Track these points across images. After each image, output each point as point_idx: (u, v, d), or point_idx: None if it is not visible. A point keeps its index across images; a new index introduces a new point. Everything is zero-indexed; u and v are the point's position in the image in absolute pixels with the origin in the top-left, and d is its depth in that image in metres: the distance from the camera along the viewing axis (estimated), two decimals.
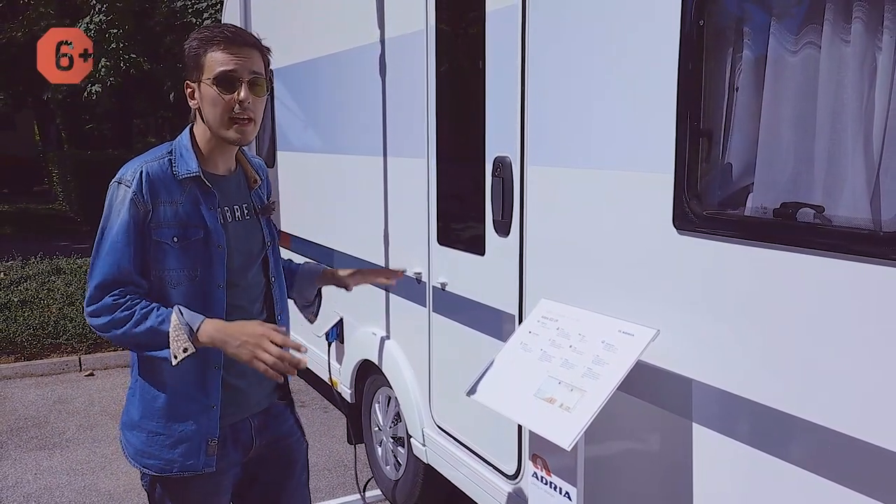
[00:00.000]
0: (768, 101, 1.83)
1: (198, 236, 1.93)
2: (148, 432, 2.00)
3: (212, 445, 2.00)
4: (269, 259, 2.13)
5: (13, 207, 17.55)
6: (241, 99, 1.89)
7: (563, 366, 2.18)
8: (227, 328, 1.87)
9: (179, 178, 1.94)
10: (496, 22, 2.69)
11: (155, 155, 1.97)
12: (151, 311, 1.88)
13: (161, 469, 2.00)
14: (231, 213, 2.03)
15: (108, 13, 12.43)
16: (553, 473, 2.22)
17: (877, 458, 1.58)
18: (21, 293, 7.05)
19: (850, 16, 1.65)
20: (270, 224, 2.16)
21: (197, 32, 1.96)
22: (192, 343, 1.86)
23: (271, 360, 1.81)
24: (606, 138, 2.22)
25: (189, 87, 1.98)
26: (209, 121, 1.95)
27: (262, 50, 1.98)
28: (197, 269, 1.94)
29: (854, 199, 1.66)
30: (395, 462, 3.81)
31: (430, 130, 3.12)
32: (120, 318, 1.88)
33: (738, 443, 1.89)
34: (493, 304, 2.81)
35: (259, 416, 2.14)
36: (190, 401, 1.98)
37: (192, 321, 1.87)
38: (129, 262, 1.90)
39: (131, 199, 1.88)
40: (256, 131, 1.98)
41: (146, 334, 1.87)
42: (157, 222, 1.90)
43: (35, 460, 4.52)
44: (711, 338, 1.94)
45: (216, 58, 1.90)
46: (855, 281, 1.60)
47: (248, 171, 2.13)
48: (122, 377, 6.13)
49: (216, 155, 2.02)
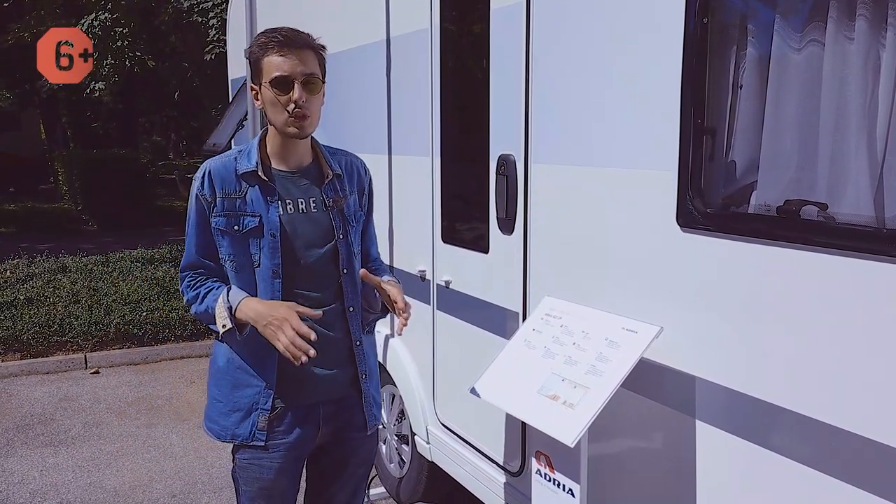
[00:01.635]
0: (772, 98, 1.83)
1: (252, 225, 2.09)
2: (211, 397, 2.23)
3: (262, 420, 2.14)
4: (339, 251, 2.19)
5: (19, 206, 17.61)
6: (295, 98, 2.03)
7: (567, 363, 2.18)
8: (259, 306, 2.03)
9: (240, 174, 2.11)
10: (500, 20, 2.70)
11: (226, 154, 2.19)
12: (210, 291, 2.12)
13: (217, 434, 2.20)
14: (294, 206, 2.15)
15: (114, 11, 12.46)
16: (557, 470, 2.23)
17: (881, 455, 1.58)
18: (27, 291, 7.07)
19: (854, 13, 1.65)
20: (344, 217, 2.21)
21: (256, 38, 2.12)
22: (230, 319, 2.04)
23: (284, 343, 1.96)
24: (610, 136, 2.22)
25: (253, 90, 2.15)
26: (271, 120, 2.11)
27: (317, 49, 2.11)
28: (254, 256, 2.10)
29: (858, 196, 1.66)
30: (399, 459, 3.81)
31: (434, 128, 3.13)
32: (192, 297, 2.15)
33: (742, 440, 1.89)
34: (497, 302, 2.82)
35: (329, 405, 2.23)
36: (247, 375, 2.15)
37: (234, 300, 2.07)
38: (196, 250, 2.15)
39: (196, 195, 2.12)
40: (314, 126, 2.13)
41: (204, 312, 2.12)
42: (218, 213, 2.10)
43: (41, 457, 4.54)
44: (715, 335, 1.94)
45: (272, 61, 2.05)
46: (858, 278, 1.60)
47: (322, 165, 2.22)
48: (127, 375, 6.16)
49: (284, 151, 2.17)
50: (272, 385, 2.14)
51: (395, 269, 3.57)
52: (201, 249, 2.15)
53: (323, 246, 2.17)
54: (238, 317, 2.05)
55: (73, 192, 16.06)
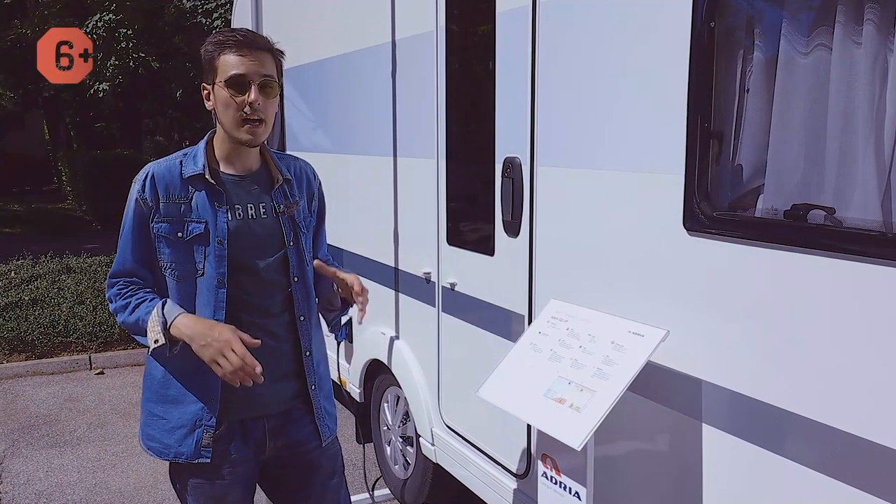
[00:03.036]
0: (779, 102, 1.83)
1: (198, 231, 2.00)
2: (149, 413, 2.11)
3: (207, 436, 2.03)
4: (289, 258, 2.12)
5: (23, 206, 17.65)
6: (251, 101, 1.95)
7: (573, 366, 2.19)
8: (196, 325, 1.92)
9: (185, 178, 2.02)
10: (506, 23, 2.70)
11: (169, 157, 2.08)
12: (143, 302, 2.00)
13: (159, 452, 2.09)
14: (243, 211, 2.06)
15: (118, 12, 12.49)
16: (563, 473, 2.23)
17: (890, 459, 1.58)
18: (31, 292, 7.09)
19: (861, 17, 1.65)
20: (294, 224, 2.14)
21: (212, 36, 2.03)
22: (163, 335, 1.92)
23: (228, 369, 1.86)
24: (617, 139, 2.22)
25: (205, 90, 2.05)
26: (223, 122, 2.02)
27: (275, 53, 2.03)
28: (198, 264, 2.01)
29: (865, 200, 1.66)
30: (404, 461, 3.82)
31: (439, 131, 3.13)
32: (121, 306, 2.02)
33: (748, 443, 1.89)
34: (503, 305, 2.82)
35: (275, 418, 2.14)
36: (188, 390, 2.04)
37: (169, 315, 1.95)
38: (132, 257, 2.04)
39: (136, 199, 2.02)
40: (268, 132, 2.04)
41: (136, 323, 1.99)
42: (160, 219, 2.00)
43: (46, 458, 4.55)
44: (721, 339, 1.94)
45: (229, 61, 1.96)
46: (866, 282, 1.60)
47: (271, 170, 2.15)
48: (131, 376, 6.17)
49: (232, 155, 2.08)
50: (216, 399, 2.03)
51: (400, 271, 3.58)
52: (136, 257, 2.02)
53: (273, 254, 2.09)
54: (172, 333, 1.92)
55: (78, 193, 16.09)
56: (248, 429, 2.11)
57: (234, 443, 2.08)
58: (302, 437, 2.19)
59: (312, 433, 2.20)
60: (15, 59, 16.84)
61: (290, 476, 2.22)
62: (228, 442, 2.07)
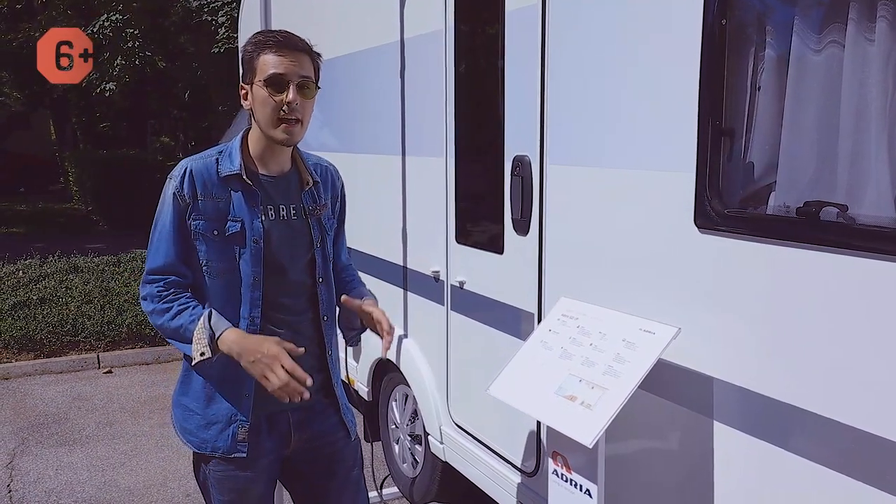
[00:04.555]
0: (791, 99, 1.83)
1: (234, 230, 2.02)
2: (185, 409, 2.13)
3: (242, 431, 2.07)
4: (315, 260, 2.15)
5: (30, 206, 17.70)
6: (289, 100, 1.97)
7: (584, 364, 2.19)
8: (245, 341, 1.95)
9: (222, 176, 2.04)
10: (515, 21, 2.70)
11: (205, 154, 2.09)
12: (187, 308, 2.00)
13: (197, 446, 2.12)
14: (276, 212, 2.09)
15: (125, 12, 12.53)
16: (574, 471, 2.23)
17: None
18: (39, 291, 7.11)
19: (874, 14, 1.65)
20: (321, 226, 2.17)
21: (252, 37, 2.06)
22: (209, 348, 1.94)
23: (277, 384, 1.89)
24: (627, 137, 2.23)
25: (243, 89, 2.07)
26: (259, 121, 2.03)
27: (313, 55, 2.07)
28: (233, 262, 2.03)
29: (878, 197, 1.66)
30: (413, 460, 3.82)
31: (448, 129, 3.14)
32: (161, 309, 2.01)
33: (759, 440, 1.90)
34: (512, 303, 2.82)
35: (299, 412, 2.17)
36: (224, 386, 2.07)
37: (217, 327, 1.96)
38: (173, 253, 2.03)
39: (173, 194, 2.02)
40: (304, 133, 2.06)
41: (177, 330, 1.99)
42: (198, 216, 2.01)
43: (56, 456, 4.57)
44: (733, 336, 1.95)
45: (268, 60, 1.98)
46: (878, 279, 1.60)
47: (301, 172, 2.17)
48: (140, 375, 6.19)
49: (267, 155, 2.10)
50: (251, 396, 2.06)
51: (409, 269, 3.58)
52: (178, 252, 2.02)
53: (303, 255, 2.13)
54: (221, 347, 1.95)
55: (84, 193, 16.12)
56: (273, 422, 2.14)
57: (260, 436, 2.12)
58: (326, 429, 2.23)
59: (336, 425, 2.25)
60: (22, 59, 16.88)
61: (313, 468, 2.25)
62: (256, 435, 2.11)
